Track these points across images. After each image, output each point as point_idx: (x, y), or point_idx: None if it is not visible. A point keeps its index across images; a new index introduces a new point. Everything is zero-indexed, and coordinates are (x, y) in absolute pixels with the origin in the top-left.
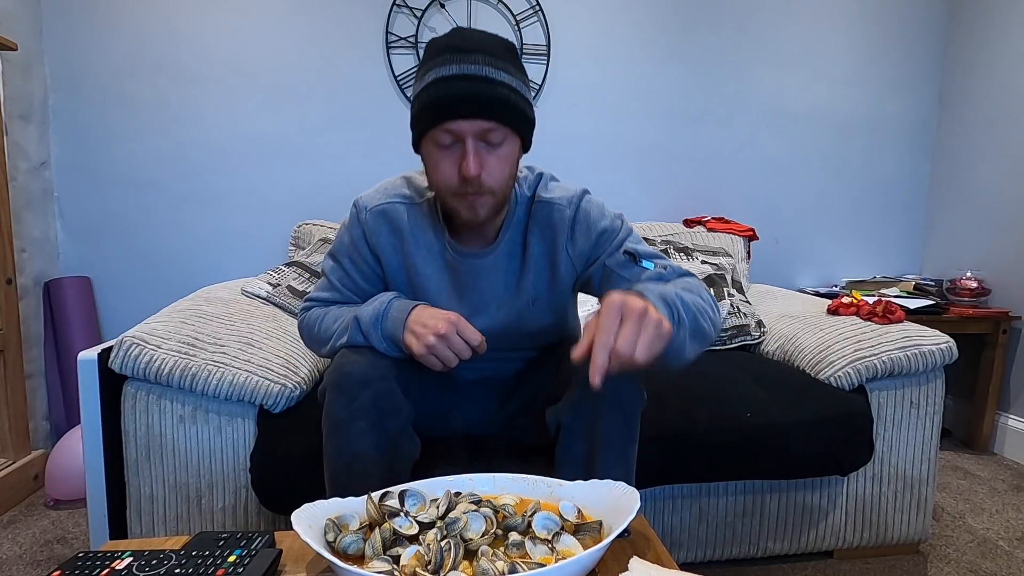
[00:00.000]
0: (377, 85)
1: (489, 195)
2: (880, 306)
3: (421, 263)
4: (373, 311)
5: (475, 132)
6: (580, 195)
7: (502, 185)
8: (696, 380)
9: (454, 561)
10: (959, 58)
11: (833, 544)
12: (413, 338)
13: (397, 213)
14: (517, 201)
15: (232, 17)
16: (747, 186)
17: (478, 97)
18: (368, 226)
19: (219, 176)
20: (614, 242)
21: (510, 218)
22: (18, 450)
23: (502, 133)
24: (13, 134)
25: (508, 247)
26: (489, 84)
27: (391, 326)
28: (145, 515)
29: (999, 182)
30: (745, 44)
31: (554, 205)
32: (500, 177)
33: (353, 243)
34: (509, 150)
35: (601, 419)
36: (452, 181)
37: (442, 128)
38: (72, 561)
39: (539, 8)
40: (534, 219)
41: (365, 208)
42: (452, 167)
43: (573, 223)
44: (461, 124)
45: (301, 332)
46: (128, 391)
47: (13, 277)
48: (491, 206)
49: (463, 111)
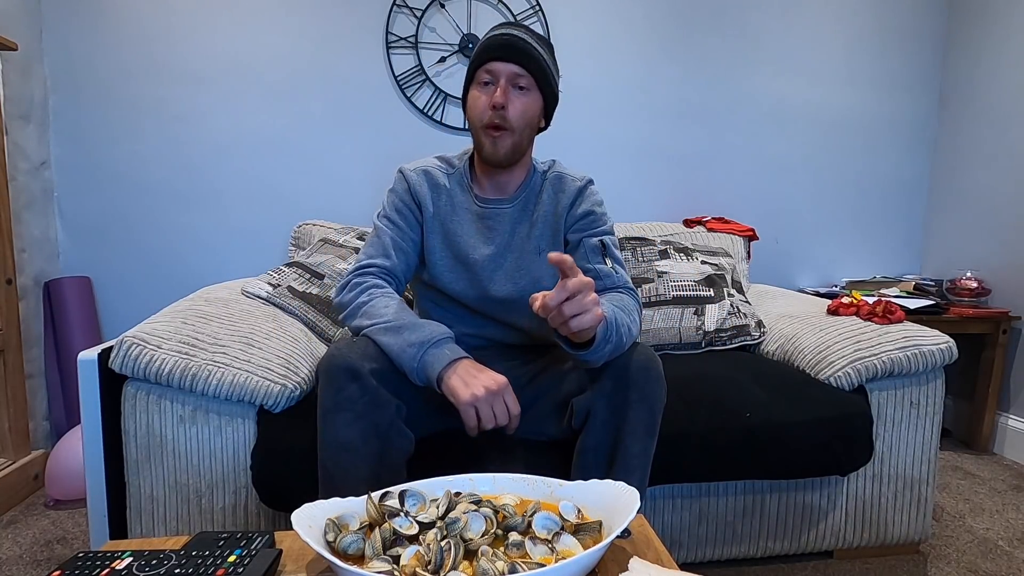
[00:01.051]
0: (377, 85)
1: (509, 132)
2: (880, 306)
3: (456, 214)
4: (426, 335)
5: (508, 74)
6: (590, 179)
7: (521, 126)
8: (696, 380)
9: (454, 561)
10: (959, 58)
11: (833, 544)
12: (462, 384)
13: (438, 174)
14: (535, 172)
15: (232, 17)
16: (747, 186)
17: (515, 47)
18: (412, 180)
19: (219, 176)
20: (597, 228)
21: (528, 181)
22: (18, 450)
23: (529, 81)
24: (13, 134)
25: (523, 203)
26: (525, 42)
27: (433, 361)
28: (145, 515)
29: (999, 182)
30: (745, 44)
31: (567, 177)
32: (521, 117)
33: (400, 198)
34: (533, 100)
35: (630, 410)
36: (485, 112)
37: (484, 68)
38: (72, 561)
39: (539, 8)
40: (548, 183)
41: (409, 169)
42: (487, 102)
43: (579, 193)
44: (498, 65)
45: (343, 298)
46: (128, 391)
47: (13, 277)
48: (509, 145)
49: (502, 55)
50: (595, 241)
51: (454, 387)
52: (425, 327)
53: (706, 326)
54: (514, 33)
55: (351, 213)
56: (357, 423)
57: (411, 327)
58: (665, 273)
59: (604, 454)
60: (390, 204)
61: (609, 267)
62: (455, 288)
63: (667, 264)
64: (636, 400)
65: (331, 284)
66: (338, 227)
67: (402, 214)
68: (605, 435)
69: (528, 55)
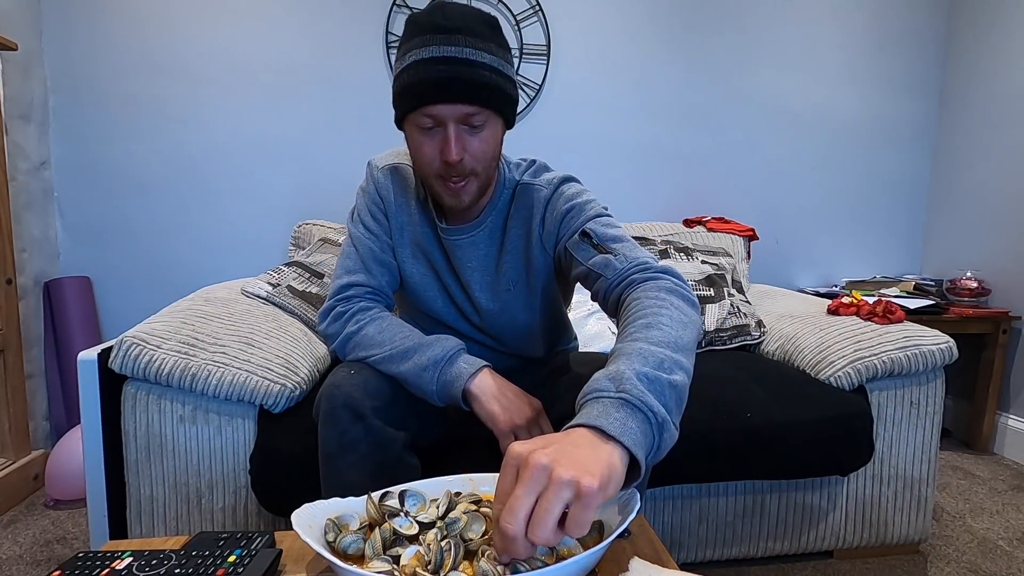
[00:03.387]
0: (377, 85)
1: (472, 177)
2: (880, 306)
3: (426, 227)
4: (437, 353)
5: (456, 117)
6: (562, 179)
7: (485, 166)
8: (696, 380)
9: (454, 561)
10: (960, 58)
11: (833, 544)
12: (501, 410)
13: (407, 173)
14: (504, 185)
15: (232, 17)
16: (747, 186)
17: (459, 81)
18: (379, 182)
19: (219, 176)
20: (577, 222)
21: (494, 201)
22: (18, 450)
23: (484, 116)
24: (13, 134)
25: (489, 230)
26: (470, 67)
27: (453, 380)
28: (145, 515)
29: (999, 182)
30: (745, 44)
31: (534, 187)
32: (483, 159)
33: (371, 199)
34: (491, 132)
35: None
36: (434, 165)
37: (423, 112)
38: (72, 561)
39: (539, 8)
40: (516, 202)
41: (377, 167)
42: (434, 150)
43: (547, 204)
44: (442, 108)
45: (327, 329)
46: (128, 391)
47: (13, 277)
48: (474, 191)
49: (444, 95)
50: (575, 237)
51: (494, 413)
52: (432, 345)
53: (706, 326)
54: (451, 55)
55: None
56: (363, 465)
57: (417, 348)
58: None
59: None
60: (363, 206)
61: (604, 256)
62: (435, 308)
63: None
64: None
65: (331, 284)
66: (338, 227)
67: (376, 219)
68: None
69: (480, 85)
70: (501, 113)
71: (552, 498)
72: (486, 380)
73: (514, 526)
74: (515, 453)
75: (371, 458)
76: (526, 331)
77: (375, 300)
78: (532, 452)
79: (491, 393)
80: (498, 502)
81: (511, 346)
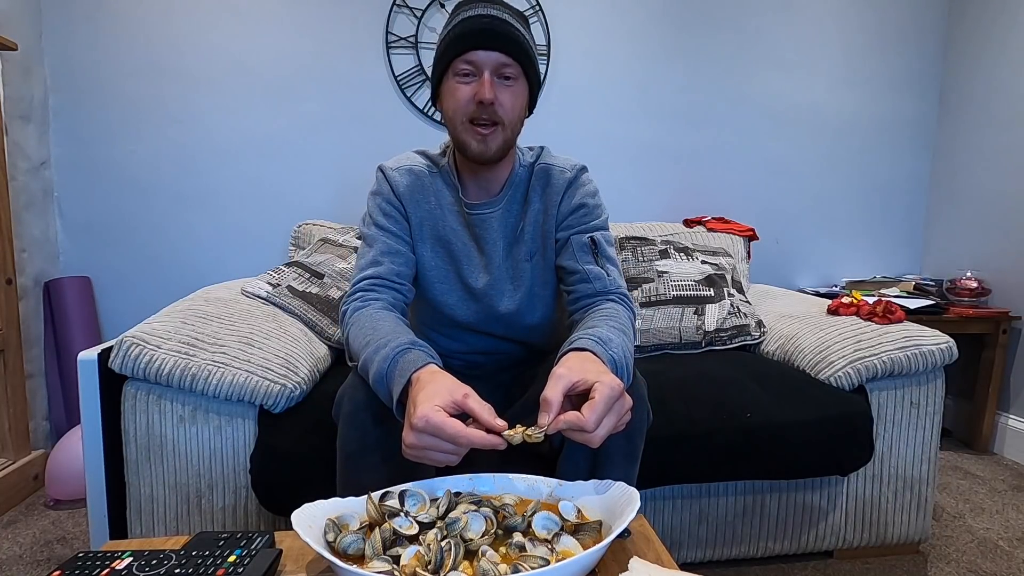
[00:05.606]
0: (377, 85)
1: (499, 128)
2: (880, 306)
3: (446, 219)
4: (378, 368)
5: (493, 65)
6: (581, 167)
7: (512, 120)
8: (696, 380)
9: (454, 561)
10: (959, 58)
11: (833, 544)
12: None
13: (421, 172)
14: (520, 163)
15: (232, 17)
16: (747, 186)
17: (498, 33)
18: (394, 181)
19: (219, 176)
20: (589, 223)
21: (513, 177)
22: (18, 450)
23: (516, 70)
24: (13, 134)
25: (510, 202)
26: (508, 26)
27: (389, 390)
28: (145, 515)
29: (999, 182)
30: (745, 44)
31: (555, 168)
32: (510, 112)
33: (386, 200)
34: (520, 89)
35: (607, 437)
36: (469, 107)
37: (464, 59)
38: (72, 561)
39: (539, 8)
40: (536, 178)
41: (391, 168)
42: (470, 94)
43: (569, 186)
44: (480, 55)
45: (340, 335)
46: (128, 391)
47: (13, 277)
48: (500, 142)
49: (484, 43)
50: (585, 239)
51: (404, 438)
52: (376, 359)
53: (706, 326)
54: (494, 14)
55: (351, 213)
56: (383, 467)
57: (371, 360)
58: (665, 273)
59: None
60: (376, 209)
61: (600, 269)
62: (449, 301)
63: (667, 264)
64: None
65: (331, 284)
66: (338, 227)
67: (391, 218)
68: (582, 461)
69: (514, 40)
70: (528, 78)
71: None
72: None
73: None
74: (609, 396)
75: (392, 460)
76: (545, 309)
77: (380, 291)
78: (621, 396)
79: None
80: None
81: (528, 335)
